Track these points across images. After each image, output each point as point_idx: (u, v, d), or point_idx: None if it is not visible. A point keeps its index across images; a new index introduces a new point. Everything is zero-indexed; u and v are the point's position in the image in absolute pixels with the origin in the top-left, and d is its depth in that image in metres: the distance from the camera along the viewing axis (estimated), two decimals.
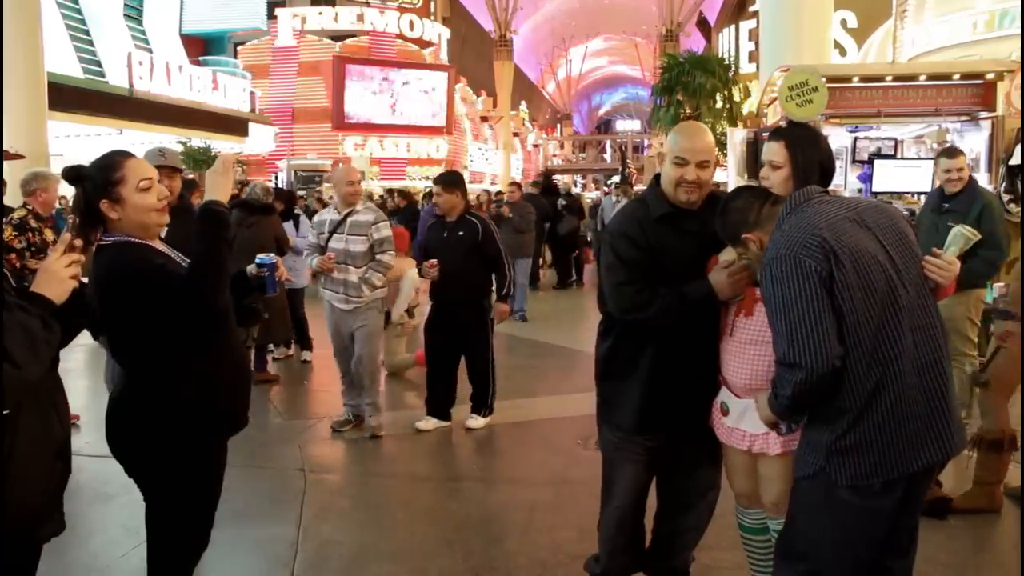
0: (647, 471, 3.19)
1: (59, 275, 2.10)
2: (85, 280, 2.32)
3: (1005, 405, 4.38)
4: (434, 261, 5.89)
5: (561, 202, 14.95)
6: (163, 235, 2.76)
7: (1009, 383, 4.34)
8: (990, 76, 8.52)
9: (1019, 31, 14.91)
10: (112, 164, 2.54)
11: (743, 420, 2.85)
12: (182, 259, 2.68)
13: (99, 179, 2.52)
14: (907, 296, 2.37)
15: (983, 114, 8.61)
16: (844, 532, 2.39)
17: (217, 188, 2.61)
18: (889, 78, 9.00)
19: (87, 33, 18.44)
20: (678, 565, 3.40)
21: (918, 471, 2.35)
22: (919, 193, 7.89)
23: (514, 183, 12.80)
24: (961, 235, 2.53)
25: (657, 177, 3.09)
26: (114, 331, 2.59)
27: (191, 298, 2.46)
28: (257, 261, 3.03)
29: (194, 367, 2.59)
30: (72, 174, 2.56)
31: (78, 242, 2.16)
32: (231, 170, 2.67)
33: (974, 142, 8.72)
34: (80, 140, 17.20)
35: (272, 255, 3.08)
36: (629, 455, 3.15)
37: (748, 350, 2.81)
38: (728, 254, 2.87)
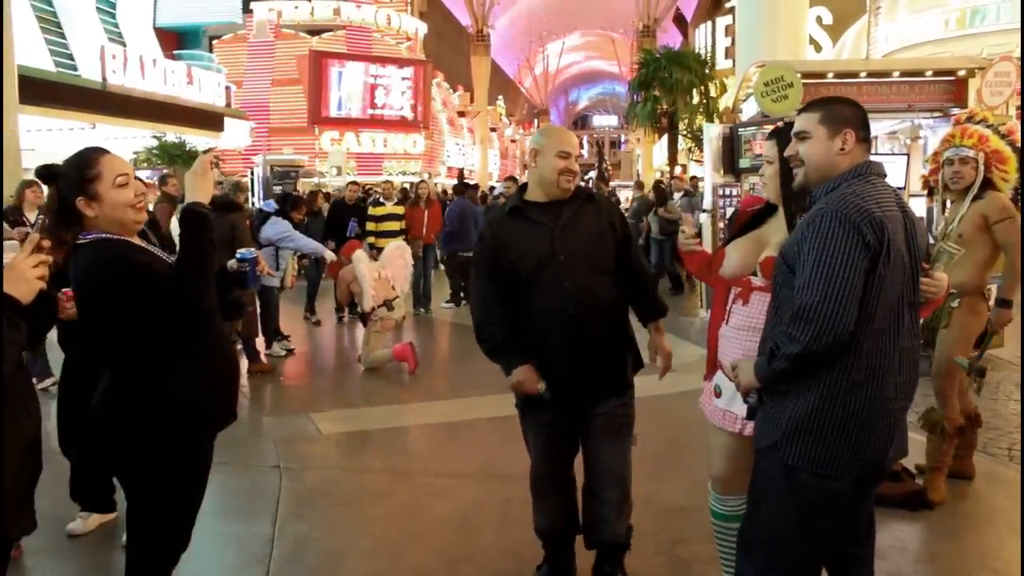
0: (553, 443, 3.40)
1: (26, 275, 2.07)
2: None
3: (955, 391, 4.55)
4: (70, 291, 2.99)
5: None
6: None
7: (952, 370, 4.50)
8: (961, 73, 8.61)
9: (990, 29, 15.13)
10: (88, 161, 2.51)
11: (735, 403, 2.89)
12: (165, 255, 2.66)
13: (74, 176, 2.49)
14: (908, 319, 2.42)
15: (955, 110, 8.70)
16: (804, 514, 2.43)
17: (197, 189, 2.59)
18: (863, 74, 9.06)
19: (58, 26, 18.14)
20: (607, 538, 3.40)
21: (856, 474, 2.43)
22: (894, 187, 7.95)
23: (511, 178, 13.30)
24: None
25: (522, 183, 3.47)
26: (98, 329, 2.56)
27: (177, 298, 2.45)
28: (238, 256, 3.02)
29: (181, 363, 2.57)
30: (46, 172, 2.53)
31: (46, 243, 2.13)
32: (209, 171, 2.65)
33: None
34: (52, 134, 16.96)
35: (253, 250, 3.07)
36: (531, 426, 3.44)
37: (742, 335, 2.89)
38: (731, 252, 3.00)
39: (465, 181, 19.86)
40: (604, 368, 3.32)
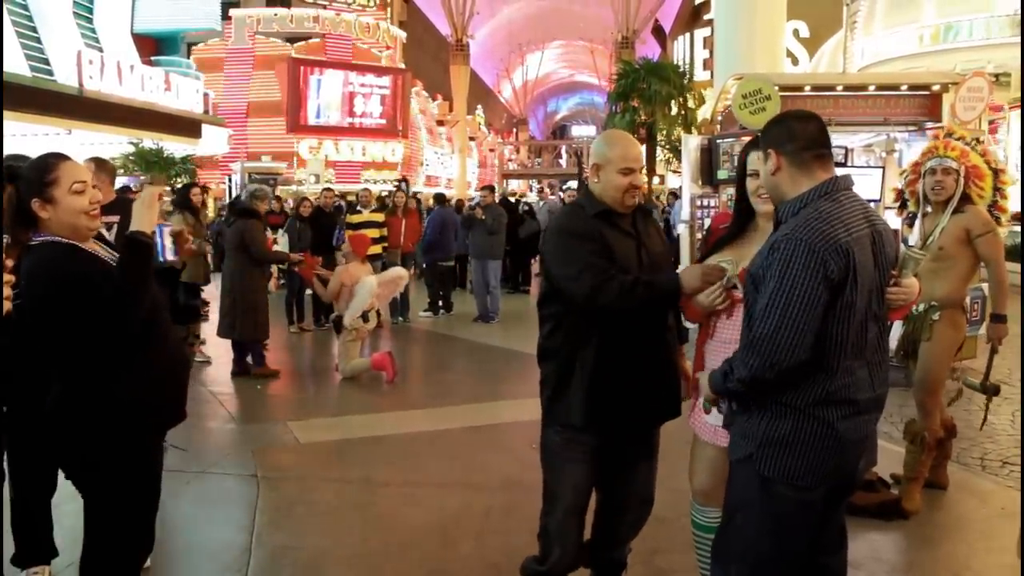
0: (591, 472, 3.19)
1: None
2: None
3: (938, 405, 4.63)
4: None
5: (524, 206, 15.64)
6: None
7: (941, 380, 4.58)
8: (936, 88, 8.70)
9: (963, 45, 15.38)
10: (47, 165, 2.60)
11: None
12: (113, 257, 2.71)
13: (33, 179, 2.56)
14: (874, 332, 2.44)
15: (929, 124, 8.80)
16: (780, 524, 2.44)
17: (142, 219, 2.64)
18: (840, 88, 9.14)
19: (34, 30, 17.96)
20: (616, 556, 3.44)
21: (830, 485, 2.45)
22: (869, 200, 8.04)
23: (488, 187, 13.38)
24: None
25: (586, 187, 3.22)
26: (43, 331, 2.60)
27: (113, 317, 2.50)
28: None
29: (127, 365, 2.62)
30: (8, 173, 2.59)
31: (9, 262, 2.15)
32: (156, 203, 2.72)
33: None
34: (27, 140, 16.81)
35: (170, 223, 3.12)
36: (574, 455, 3.14)
37: (728, 349, 2.85)
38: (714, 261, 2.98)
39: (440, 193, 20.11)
40: (674, 389, 3.21)
